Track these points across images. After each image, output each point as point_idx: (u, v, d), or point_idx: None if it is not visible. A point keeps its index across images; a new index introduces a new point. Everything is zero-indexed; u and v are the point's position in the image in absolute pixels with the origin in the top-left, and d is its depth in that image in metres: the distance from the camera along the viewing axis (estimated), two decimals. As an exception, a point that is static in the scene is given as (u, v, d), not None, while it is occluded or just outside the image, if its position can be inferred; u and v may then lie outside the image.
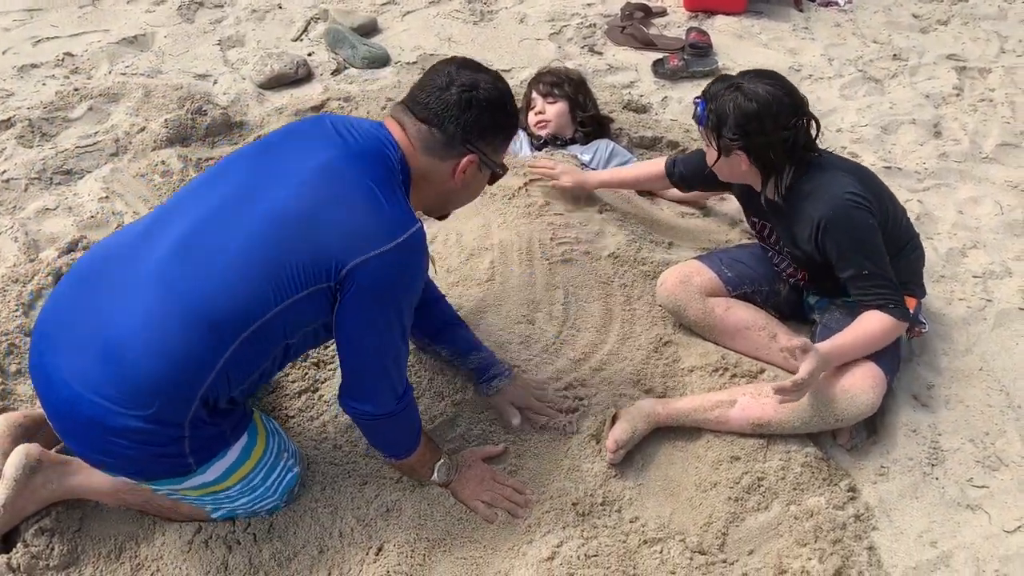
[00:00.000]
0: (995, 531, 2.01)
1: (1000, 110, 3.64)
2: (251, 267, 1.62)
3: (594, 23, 4.27)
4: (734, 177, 2.28)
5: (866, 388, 2.10)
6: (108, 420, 1.59)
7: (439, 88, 1.76)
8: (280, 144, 1.79)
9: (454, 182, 1.82)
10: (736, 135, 2.12)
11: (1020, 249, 2.86)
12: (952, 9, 4.55)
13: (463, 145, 1.78)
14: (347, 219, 1.64)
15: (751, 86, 2.12)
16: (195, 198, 1.74)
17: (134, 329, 1.60)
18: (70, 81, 3.56)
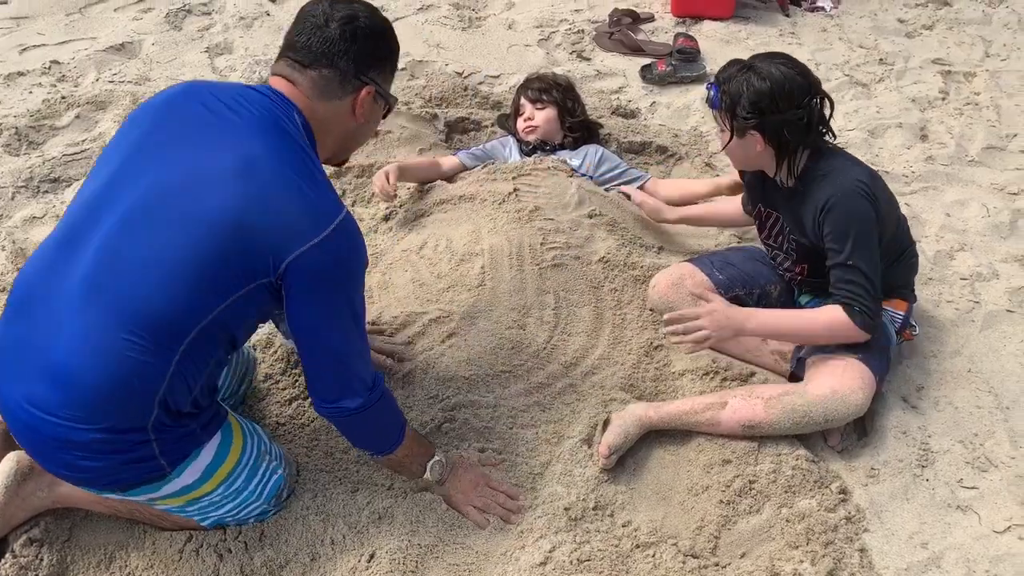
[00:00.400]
0: (985, 532, 2.01)
1: (985, 113, 3.67)
2: (186, 272, 1.56)
3: (582, 29, 4.29)
4: (748, 161, 2.28)
5: (855, 388, 2.11)
6: (72, 436, 1.58)
7: (317, 27, 1.71)
8: (177, 133, 1.67)
9: (355, 119, 1.78)
10: (750, 114, 2.14)
11: (1007, 251, 2.88)
12: (937, 14, 4.58)
13: (357, 78, 1.73)
14: (276, 215, 1.58)
15: (764, 66, 2.14)
16: (105, 202, 1.64)
17: (74, 347, 1.57)
18: (57, 89, 3.55)
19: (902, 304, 2.31)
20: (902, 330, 2.31)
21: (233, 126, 1.65)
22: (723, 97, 2.18)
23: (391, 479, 2.03)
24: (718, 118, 2.24)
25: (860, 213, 2.12)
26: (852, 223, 2.12)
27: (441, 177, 3.01)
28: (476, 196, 2.73)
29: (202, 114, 1.68)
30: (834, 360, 2.18)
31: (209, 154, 1.62)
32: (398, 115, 3.28)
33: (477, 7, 4.46)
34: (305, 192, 1.62)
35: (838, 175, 2.16)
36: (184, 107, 1.71)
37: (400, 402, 2.18)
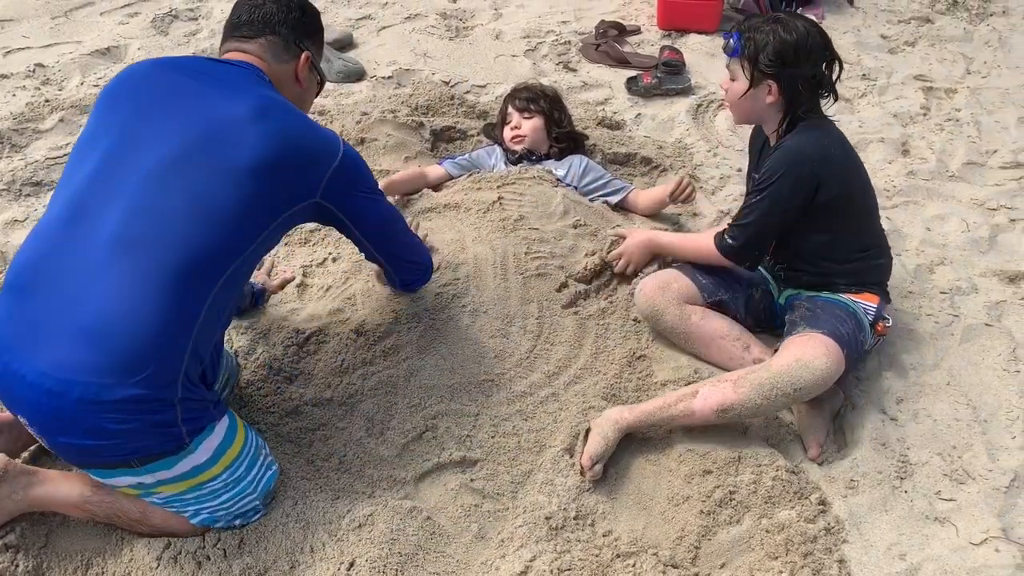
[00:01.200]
0: (963, 544, 2.03)
1: (966, 129, 3.71)
2: (226, 214, 1.72)
3: (569, 40, 4.31)
4: (752, 113, 2.38)
5: (818, 355, 2.14)
6: (102, 395, 1.59)
7: (256, 6, 1.97)
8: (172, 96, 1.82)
9: (299, 85, 2.02)
10: (772, 63, 2.23)
11: (986, 266, 2.91)
12: (919, 31, 4.64)
13: (296, 45, 1.99)
14: (302, 146, 1.82)
15: (789, 19, 2.25)
16: (116, 171, 1.74)
17: (110, 304, 1.62)
18: (41, 92, 3.54)
19: (873, 298, 2.35)
20: (875, 322, 2.33)
21: (225, 83, 1.84)
22: (747, 44, 2.27)
23: (372, 487, 2.03)
24: (735, 66, 2.33)
25: (788, 171, 2.24)
26: (775, 174, 2.25)
27: (426, 186, 3.01)
28: (461, 205, 2.74)
29: (189, 78, 1.85)
30: (799, 337, 2.23)
31: (221, 107, 1.78)
32: (384, 123, 3.29)
33: (464, 17, 4.48)
34: (311, 123, 1.90)
35: (796, 137, 2.26)
36: (167, 75, 1.87)
37: (382, 410, 2.19)
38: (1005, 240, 3.05)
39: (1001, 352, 2.54)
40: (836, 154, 2.27)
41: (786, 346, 2.24)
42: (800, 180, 2.25)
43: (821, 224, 2.32)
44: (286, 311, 2.50)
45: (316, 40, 2.07)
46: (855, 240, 2.35)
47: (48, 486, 1.84)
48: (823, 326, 2.24)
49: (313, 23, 2.05)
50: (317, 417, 2.19)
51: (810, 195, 2.26)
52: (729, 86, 2.37)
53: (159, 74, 1.88)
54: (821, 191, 2.26)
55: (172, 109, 1.80)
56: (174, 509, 1.84)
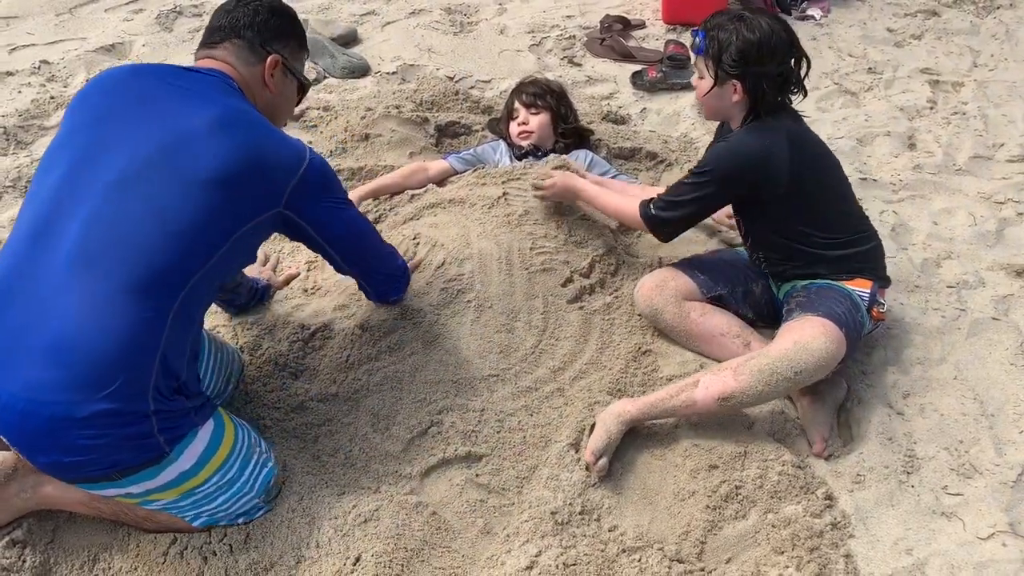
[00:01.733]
0: (969, 538, 2.02)
1: (973, 123, 3.69)
2: (190, 224, 1.70)
3: (573, 35, 4.30)
4: (720, 110, 2.39)
5: (817, 336, 2.14)
6: (73, 411, 1.58)
7: (226, 11, 1.98)
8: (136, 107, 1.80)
9: (269, 90, 1.99)
10: (735, 63, 2.23)
11: (993, 260, 2.90)
12: (926, 24, 4.62)
13: (263, 48, 1.96)
14: (267, 155, 1.80)
15: (753, 18, 2.24)
16: (77, 185, 1.71)
17: (72, 322, 1.61)
18: (46, 89, 3.54)
19: (865, 283, 2.34)
20: (870, 307, 2.32)
21: (191, 93, 1.82)
22: (711, 43, 2.26)
23: (377, 482, 2.03)
24: (700, 65, 2.33)
25: (720, 171, 2.27)
26: (707, 170, 2.28)
27: (428, 180, 3.01)
28: (466, 200, 2.73)
29: (156, 87, 1.83)
30: (795, 322, 2.23)
31: (183, 118, 1.77)
32: (389, 118, 3.29)
33: (469, 12, 4.47)
34: (275, 134, 1.87)
35: (743, 135, 2.27)
36: (133, 84, 1.86)
37: (387, 406, 2.19)
38: (1012, 234, 3.03)
39: (1008, 346, 2.53)
40: (778, 152, 2.24)
41: (783, 332, 2.23)
42: (729, 179, 2.26)
43: (780, 218, 2.33)
44: (291, 307, 2.50)
45: (288, 43, 2.02)
46: (826, 229, 2.33)
47: (56, 485, 1.84)
48: (818, 308, 2.23)
49: (283, 26, 2.01)
50: (322, 413, 2.19)
51: (744, 193, 2.29)
52: (697, 83, 2.39)
53: (125, 83, 1.86)
54: (764, 189, 2.26)
55: (135, 119, 1.77)
56: (173, 513, 1.85)
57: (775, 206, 2.31)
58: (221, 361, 2.12)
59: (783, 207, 2.30)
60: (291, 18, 2.04)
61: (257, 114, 1.88)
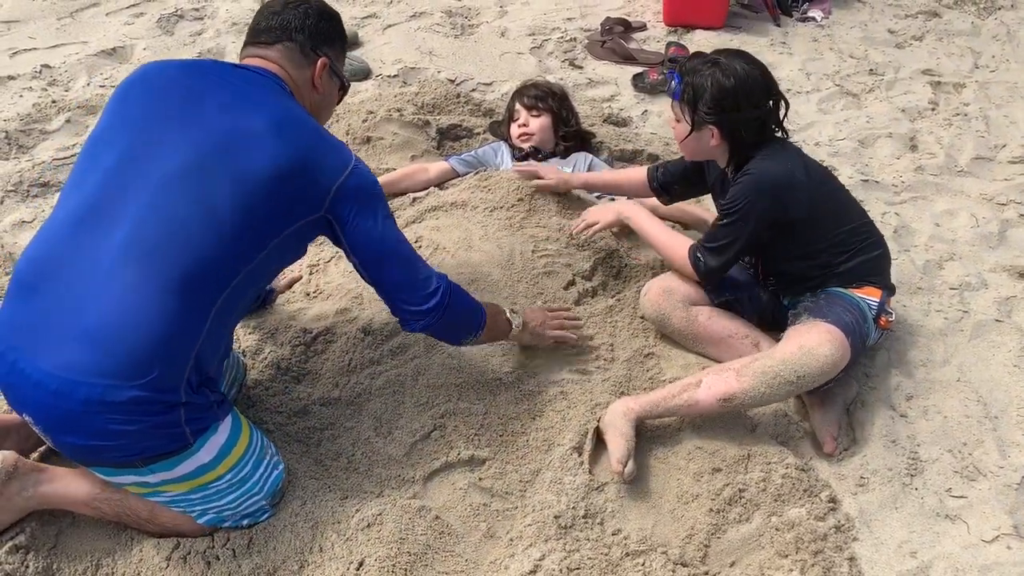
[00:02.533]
0: (974, 541, 2.02)
1: (974, 124, 3.69)
2: (237, 222, 1.73)
3: (574, 37, 4.30)
4: (700, 152, 2.36)
5: (822, 342, 2.13)
6: (107, 395, 1.60)
7: (274, 13, 1.98)
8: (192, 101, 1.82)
9: (317, 91, 2.00)
10: (711, 110, 2.20)
11: (995, 261, 2.89)
12: (927, 25, 4.62)
13: (313, 52, 1.98)
14: (315, 159, 1.81)
15: (728, 62, 2.21)
16: (131, 173, 1.73)
17: (118, 307, 1.63)
18: (48, 93, 3.54)
19: (874, 292, 2.33)
20: (878, 317, 2.32)
21: (246, 92, 1.84)
22: (686, 90, 2.24)
23: (380, 487, 2.03)
24: (677, 109, 2.31)
25: (756, 201, 2.22)
26: (741, 204, 2.23)
27: (429, 182, 3.01)
28: (468, 203, 2.73)
29: (210, 85, 1.85)
30: (802, 326, 2.22)
31: (239, 116, 1.79)
32: (390, 121, 3.29)
33: (470, 15, 4.47)
34: (326, 136, 1.89)
35: (760, 163, 2.23)
36: (186, 79, 1.87)
37: (390, 410, 2.18)
38: (1014, 235, 3.03)
39: (1011, 348, 2.53)
40: (799, 176, 2.23)
41: (789, 335, 2.23)
42: (766, 207, 2.23)
43: (798, 241, 2.32)
44: (294, 311, 2.50)
45: (335, 46, 2.04)
46: (837, 245, 2.32)
47: (57, 484, 1.84)
48: (827, 315, 2.23)
49: (331, 29, 2.03)
50: (325, 417, 2.19)
51: (778, 219, 2.25)
52: (675, 126, 2.36)
53: (178, 77, 1.87)
54: (789, 212, 2.24)
55: (191, 116, 1.79)
56: (180, 508, 1.85)
57: (799, 229, 2.28)
58: (227, 365, 2.12)
59: (805, 230, 2.29)
60: (337, 21, 2.06)
61: (310, 118, 1.90)
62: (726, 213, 2.28)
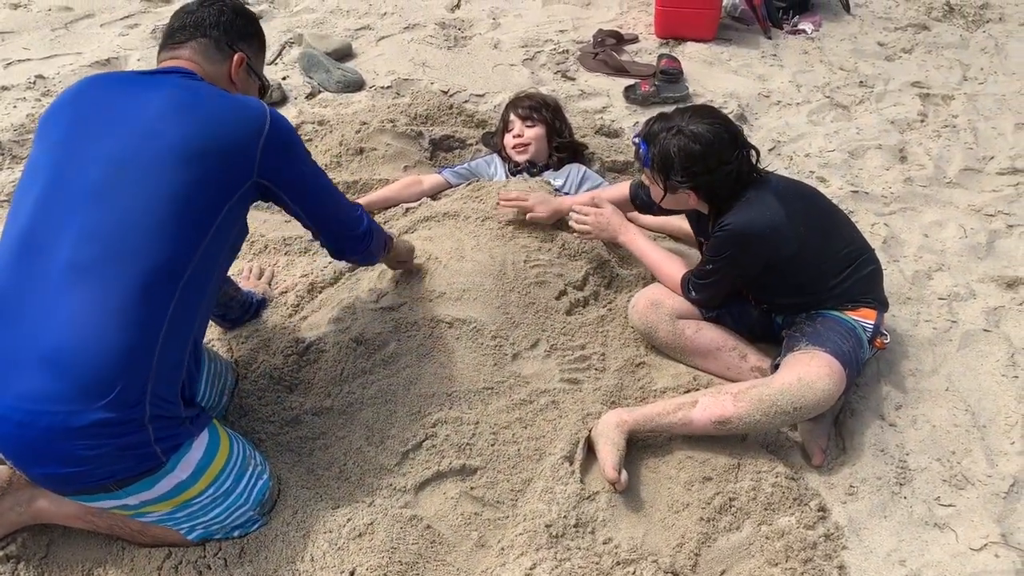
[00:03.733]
0: (962, 549, 2.03)
1: (963, 136, 3.72)
2: (172, 209, 1.70)
3: (567, 49, 4.33)
4: (680, 209, 2.44)
5: (822, 376, 2.14)
6: (70, 421, 1.58)
7: (189, 12, 1.98)
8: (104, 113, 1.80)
9: (235, 87, 1.99)
10: (684, 178, 2.24)
11: (983, 272, 2.92)
12: (916, 38, 4.66)
13: (229, 47, 1.97)
14: (228, 124, 1.79)
15: (692, 127, 2.22)
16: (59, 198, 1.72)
17: (69, 330, 1.61)
18: (42, 103, 3.55)
19: (870, 313, 2.34)
20: (873, 339, 2.33)
21: (152, 88, 1.82)
22: (654, 159, 2.26)
23: (372, 496, 2.03)
24: (649, 176, 2.33)
25: (737, 254, 2.27)
26: (723, 256, 2.29)
27: (423, 194, 3.03)
28: (460, 213, 2.75)
29: (117, 92, 1.83)
30: (802, 354, 2.22)
31: (141, 109, 1.77)
32: (383, 132, 3.30)
33: (463, 27, 4.50)
34: (233, 98, 1.86)
35: (737, 216, 2.25)
36: (95, 93, 1.85)
37: (382, 419, 2.19)
38: (1003, 246, 3.06)
39: (999, 358, 2.55)
40: (778, 219, 2.23)
41: (789, 363, 2.22)
42: (749, 257, 2.27)
43: (787, 275, 2.33)
44: (286, 321, 2.50)
45: (252, 43, 2.04)
46: (828, 270, 2.34)
47: (50, 499, 1.84)
48: (826, 344, 2.23)
49: (248, 26, 2.03)
50: (317, 426, 2.19)
51: (768, 261, 2.28)
52: (652, 188, 2.38)
53: (88, 93, 1.85)
54: (777, 254, 2.26)
55: (102, 127, 1.77)
56: (168, 526, 1.84)
57: (787, 266, 2.30)
58: (214, 373, 2.13)
59: (794, 266, 2.30)
60: (254, 20, 2.07)
61: (210, 85, 1.87)
62: (710, 261, 2.33)
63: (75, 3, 4.43)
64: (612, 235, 2.61)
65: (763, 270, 2.31)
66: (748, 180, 2.29)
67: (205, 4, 1.98)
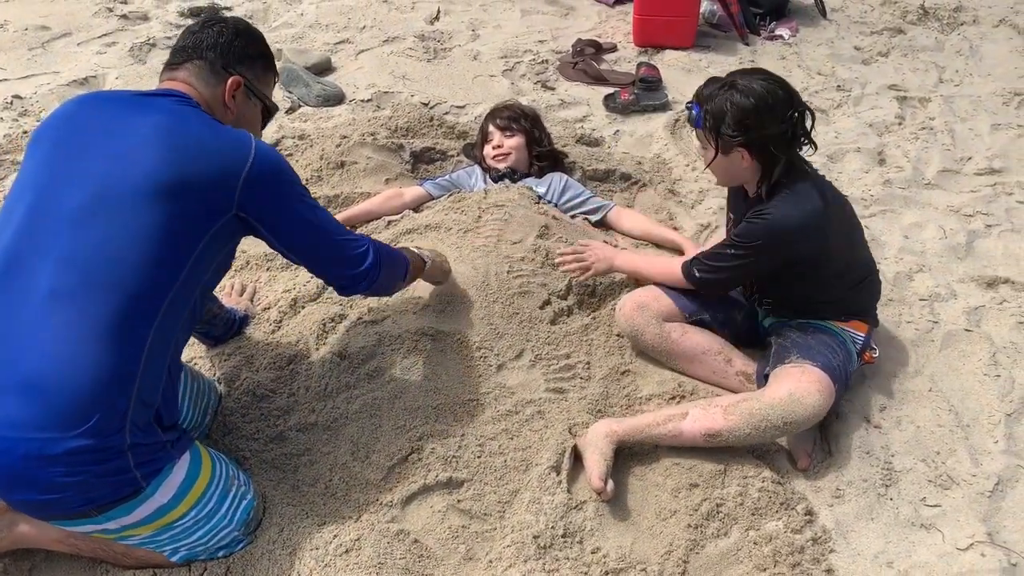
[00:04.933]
0: (949, 549, 2.04)
1: (940, 137, 3.76)
2: (149, 239, 1.67)
3: (546, 59, 4.34)
4: (733, 176, 2.33)
5: (812, 391, 2.14)
6: (47, 450, 1.56)
7: (191, 32, 1.95)
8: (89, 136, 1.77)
9: (230, 112, 1.94)
10: (736, 132, 2.17)
11: (964, 272, 2.94)
12: (892, 42, 4.70)
13: (224, 70, 1.92)
14: (209, 155, 1.74)
15: (745, 83, 2.18)
16: (41, 222, 1.69)
17: (47, 359, 1.59)
18: (19, 124, 3.53)
19: (862, 326, 2.36)
20: (862, 352, 2.34)
21: (141, 111, 1.78)
22: (706, 116, 2.21)
23: (358, 511, 2.02)
24: (702, 137, 2.28)
25: (766, 246, 2.23)
26: (750, 244, 2.24)
27: (405, 206, 3.02)
28: (442, 225, 2.75)
29: (109, 114, 1.80)
30: (793, 368, 2.22)
31: (127, 137, 1.74)
32: (364, 145, 3.30)
33: (442, 39, 4.51)
34: (219, 130, 1.81)
35: (781, 206, 2.21)
36: (86, 113, 1.82)
37: (367, 433, 2.18)
38: (982, 246, 3.08)
39: (981, 357, 2.56)
40: (814, 222, 2.20)
41: (779, 376, 2.22)
42: (774, 250, 2.24)
43: (807, 275, 2.30)
44: (268, 337, 2.49)
45: (254, 66, 1.98)
46: (842, 278, 2.33)
47: (32, 523, 1.82)
48: (817, 358, 2.22)
49: (247, 48, 1.97)
50: (302, 442, 2.18)
51: (788, 259, 2.25)
52: (702, 154, 2.34)
53: (79, 114, 1.83)
54: (800, 253, 2.24)
55: (87, 149, 1.74)
56: (152, 548, 1.82)
57: (809, 266, 2.28)
58: (197, 392, 2.11)
59: (809, 266, 2.28)
60: (257, 40, 2.01)
61: (201, 115, 1.82)
62: (735, 242, 2.28)
63: (52, 22, 4.41)
64: (608, 265, 2.57)
65: (782, 267, 2.28)
66: (796, 162, 2.24)
67: (207, 25, 1.95)
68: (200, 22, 1.97)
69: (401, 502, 2.06)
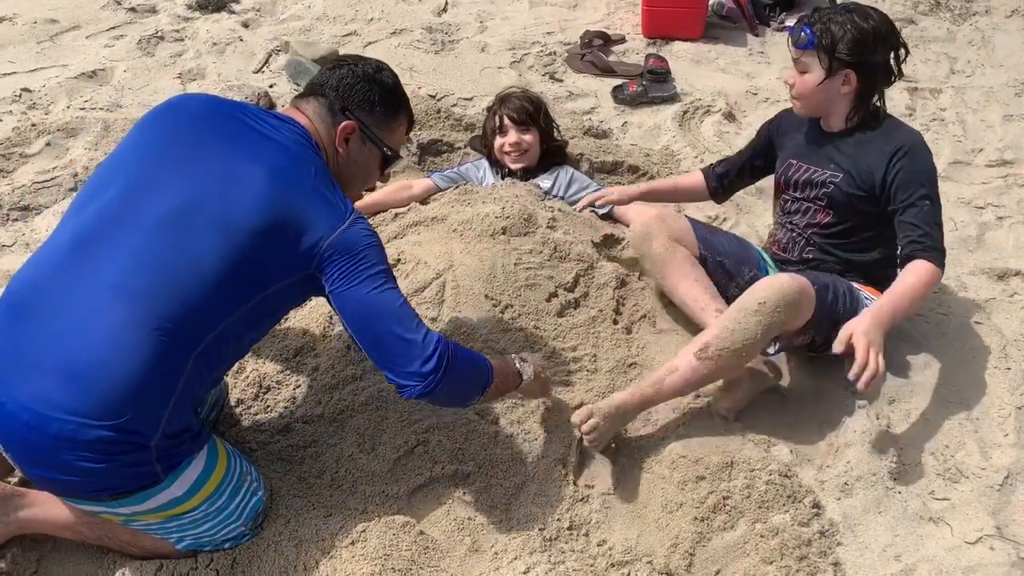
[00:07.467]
0: (957, 543, 2.03)
1: (951, 129, 3.73)
2: (224, 271, 1.69)
3: (554, 51, 4.33)
4: (824, 102, 2.37)
5: (784, 279, 2.15)
6: (78, 434, 1.59)
7: (329, 69, 1.97)
8: (202, 143, 1.79)
9: (340, 155, 1.94)
10: (851, 52, 2.25)
11: (974, 264, 2.92)
12: (903, 32, 4.64)
13: (342, 112, 1.92)
14: (305, 213, 1.75)
15: (862, 8, 2.29)
16: (128, 209, 1.71)
17: (100, 345, 1.62)
18: (27, 116, 3.53)
19: (877, 292, 2.35)
20: None
21: (263, 140, 1.81)
22: (823, 35, 2.27)
23: (364, 503, 2.02)
24: (807, 58, 2.32)
25: (932, 164, 2.31)
26: (929, 170, 2.30)
27: (413, 199, 3.02)
28: (448, 217, 2.74)
29: (228, 127, 1.82)
30: None
31: (241, 163, 1.76)
32: (371, 138, 3.29)
33: (450, 31, 4.50)
34: (324, 193, 1.80)
35: (907, 130, 2.33)
36: (204, 121, 1.83)
37: (373, 425, 2.18)
38: (993, 238, 3.06)
39: (991, 349, 2.55)
40: None
41: None
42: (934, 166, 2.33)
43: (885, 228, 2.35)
44: (275, 328, 2.49)
45: (375, 111, 1.95)
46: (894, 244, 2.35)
47: (38, 508, 1.83)
48: (809, 276, 2.23)
49: (370, 94, 1.94)
50: (308, 434, 2.18)
51: None
52: (798, 79, 2.37)
53: (196, 115, 1.84)
54: None
55: (193, 159, 1.76)
56: (158, 535, 1.83)
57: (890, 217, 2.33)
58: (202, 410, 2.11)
59: None
60: (385, 88, 1.97)
61: (316, 170, 1.82)
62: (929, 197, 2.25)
63: (61, 15, 4.42)
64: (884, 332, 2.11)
65: None
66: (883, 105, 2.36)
67: (340, 64, 1.97)
68: (335, 60, 1.99)
69: (407, 494, 2.06)
